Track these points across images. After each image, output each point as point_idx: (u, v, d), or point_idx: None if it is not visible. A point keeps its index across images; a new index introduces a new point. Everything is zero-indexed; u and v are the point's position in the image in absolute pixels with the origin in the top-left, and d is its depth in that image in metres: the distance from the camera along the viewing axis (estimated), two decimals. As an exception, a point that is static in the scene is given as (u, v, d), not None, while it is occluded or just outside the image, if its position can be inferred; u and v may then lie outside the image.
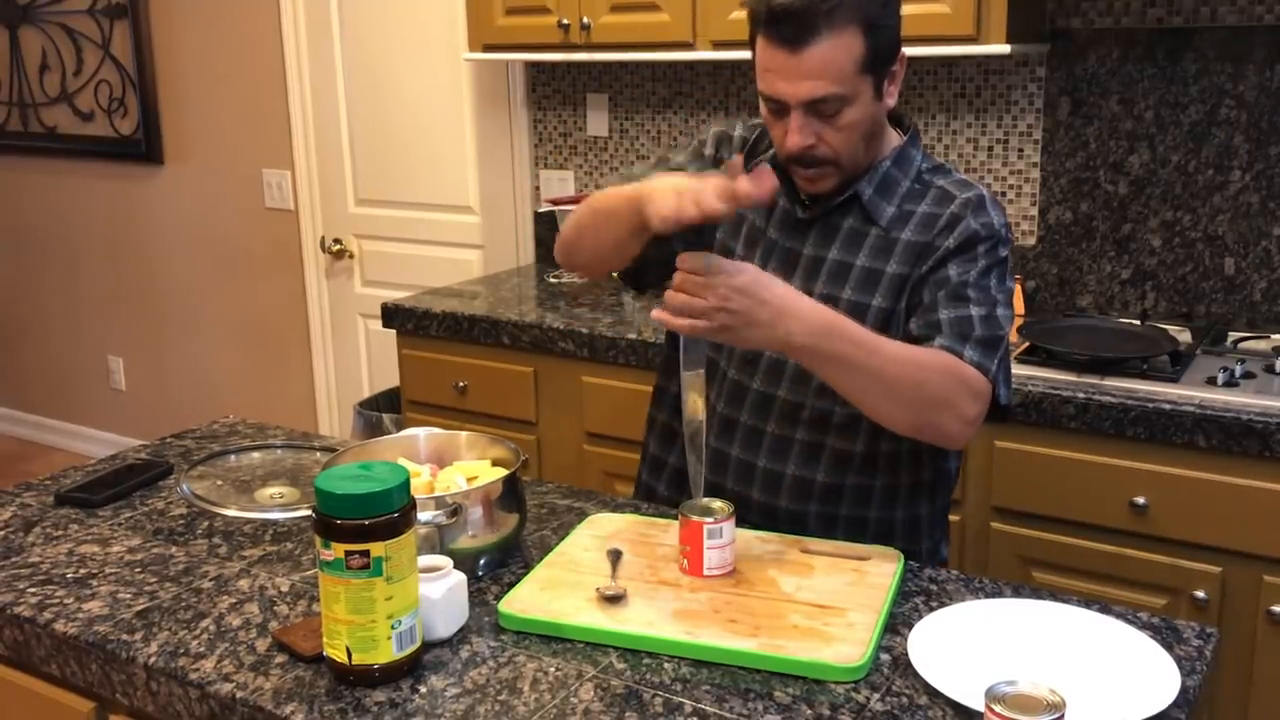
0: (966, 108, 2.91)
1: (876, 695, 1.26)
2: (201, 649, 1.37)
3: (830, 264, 1.66)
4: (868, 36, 1.52)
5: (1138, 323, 2.62)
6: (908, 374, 1.50)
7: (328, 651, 1.29)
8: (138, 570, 1.58)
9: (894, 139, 1.68)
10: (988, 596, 1.48)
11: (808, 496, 1.69)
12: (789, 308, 1.44)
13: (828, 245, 1.67)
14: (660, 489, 1.85)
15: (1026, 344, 2.46)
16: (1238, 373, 2.26)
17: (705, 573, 1.49)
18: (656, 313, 1.45)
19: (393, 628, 1.27)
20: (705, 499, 1.55)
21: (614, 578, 1.48)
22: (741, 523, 1.57)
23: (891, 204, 1.65)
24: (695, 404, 1.53)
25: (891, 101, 1.61)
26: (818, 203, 1.68)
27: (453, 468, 1.62)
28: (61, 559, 1.62)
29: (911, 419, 1.53)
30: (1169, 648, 1.35)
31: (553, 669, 1.32)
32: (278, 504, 1.76)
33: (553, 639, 1.39)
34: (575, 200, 3.36)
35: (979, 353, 1.54)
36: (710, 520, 1.49)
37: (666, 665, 1.33)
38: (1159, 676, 1.27)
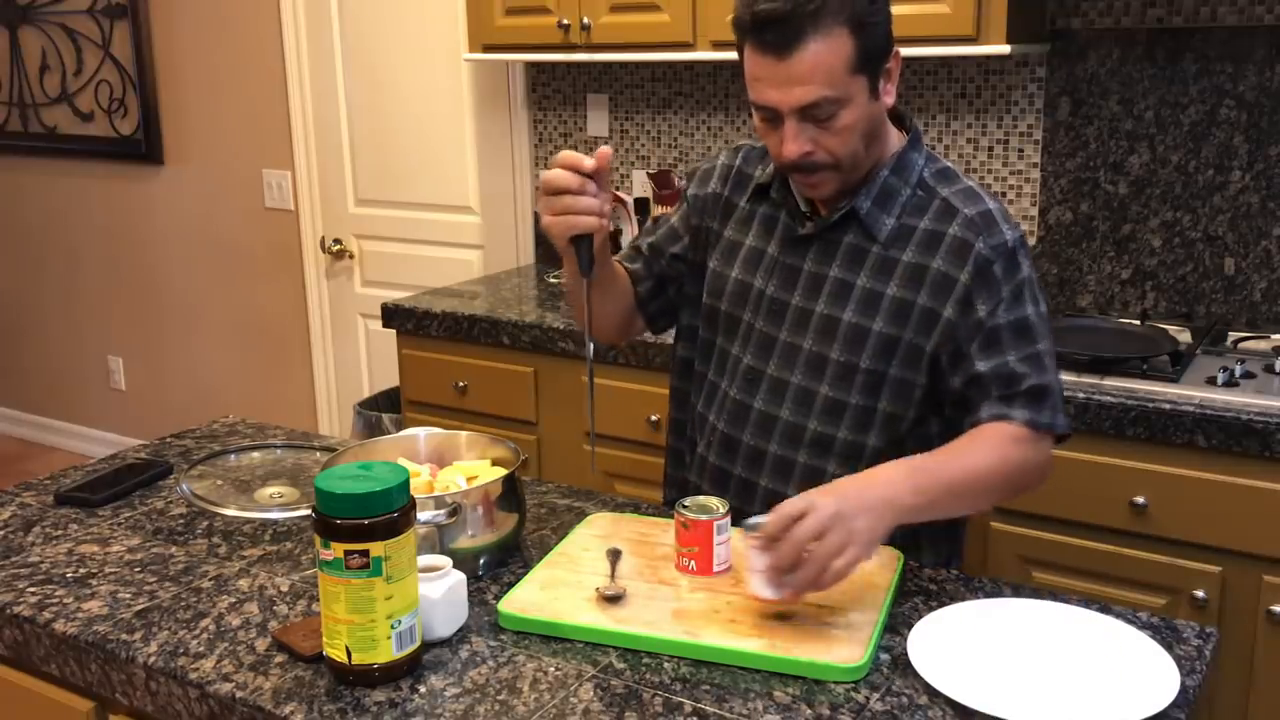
0: (966, 108, 2.91)
1: (876, 695, 1.26)
2: (201, 649, 1.37)
3: (831, 282, 1.63)
4: (856, 35, 1.49)
5: (1138, 323, 2.62)
6: (992, 481, 1.51)
7: (327, 651, 1.29)
8: (137, 570, 1.58)
9: (895, 141, 1.65)
10: (988, 596, 1.48)
11: None
12: (873, 484, 1.41)
13: (829, 262, 1.64)
14: (690, 477, 1.82)
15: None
16: (1238, 373, 2.26)
17: (716, 569, 1.50)
18: (789, 594, 1.35)
19: (392, 627, 1.27)
20: (700, 497, 1.55)
21: (614, 577, 1.48)
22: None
23: (890, 216, 1.61)
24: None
25: (889, 100, 1.58)
26: (818, 218, 1.66)
27: (452, 468, 1.62)
28: (61, 559, 1.62)
29: (997, 502, 1.63)
30: (1169, 648, 1.35)
31: (552, 669, 1.32)
32: (277, 504, 1.76)
33: (552, 639, 1.39)
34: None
35: (1028, 409, 1.54)
36: (719, 517, 1.49)
37: (666, 665, 1.33)
38: (1159, 676, 1.27)
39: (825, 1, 1.46)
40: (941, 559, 1.73)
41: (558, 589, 1.47)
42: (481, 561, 1.54)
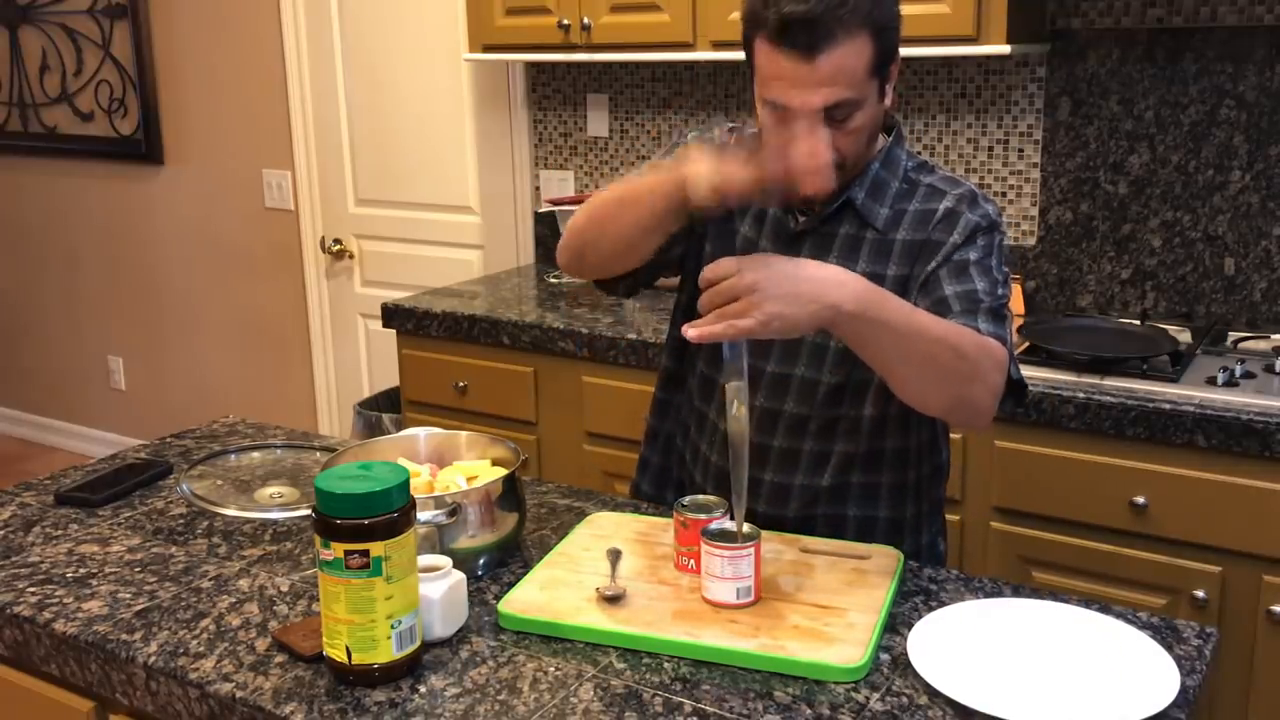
0: (966, 108, 2.91)
1: (876, 695, 1.26)
2: (201, 649, 1.37)
3: None
4: (876, 39, 1.50)
5: (1138, 323, 2.62)
6: (948, 340, 1.45)
7: (327, 651, 1.29)
8: (137, 570, 1.58)
9: (880, 139, 1.67)
10: (987, 596, 1.48)
11: (814, 501, 1.69)
12: (829, 277, 1.39)
13: (824, 255, 1.65)
14: (695, 476, 1.80)
15: (1026, 344, 2.46)
16: (1238, 373, 2.26)
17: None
18: (692, 331, 1.37)
19: (392, 627, 1.27)
20: (700, 496, 1.56)
21: (614, 578, 1.48)
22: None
23: (884, 205, 1.64)
24: (742, 413, 1.45)
25: (888, 101, 1.60)
26: (811, 212, 1.66)
27: (452, 467, 1.62)
28: (61, 559, 1.62)
29: (950, 392, 1.47)
30: (1169, 648, 1.35)
31: (552, 669, 1.32)
32: (277, 504, 1.76)
33: (552, 639, 1.39)
34: (575, 200, 3.36)
35: (991, 323, 1.53)
36: (719, 515, 1.49)
37: (666, 665, 1.33)
38: (1159, 676, 1.27)
39: (854, 5, 1.46)
40: (934, 533, 1.75)
41: (558, 589, 1.47)
42: (481, 561, 1.54)
